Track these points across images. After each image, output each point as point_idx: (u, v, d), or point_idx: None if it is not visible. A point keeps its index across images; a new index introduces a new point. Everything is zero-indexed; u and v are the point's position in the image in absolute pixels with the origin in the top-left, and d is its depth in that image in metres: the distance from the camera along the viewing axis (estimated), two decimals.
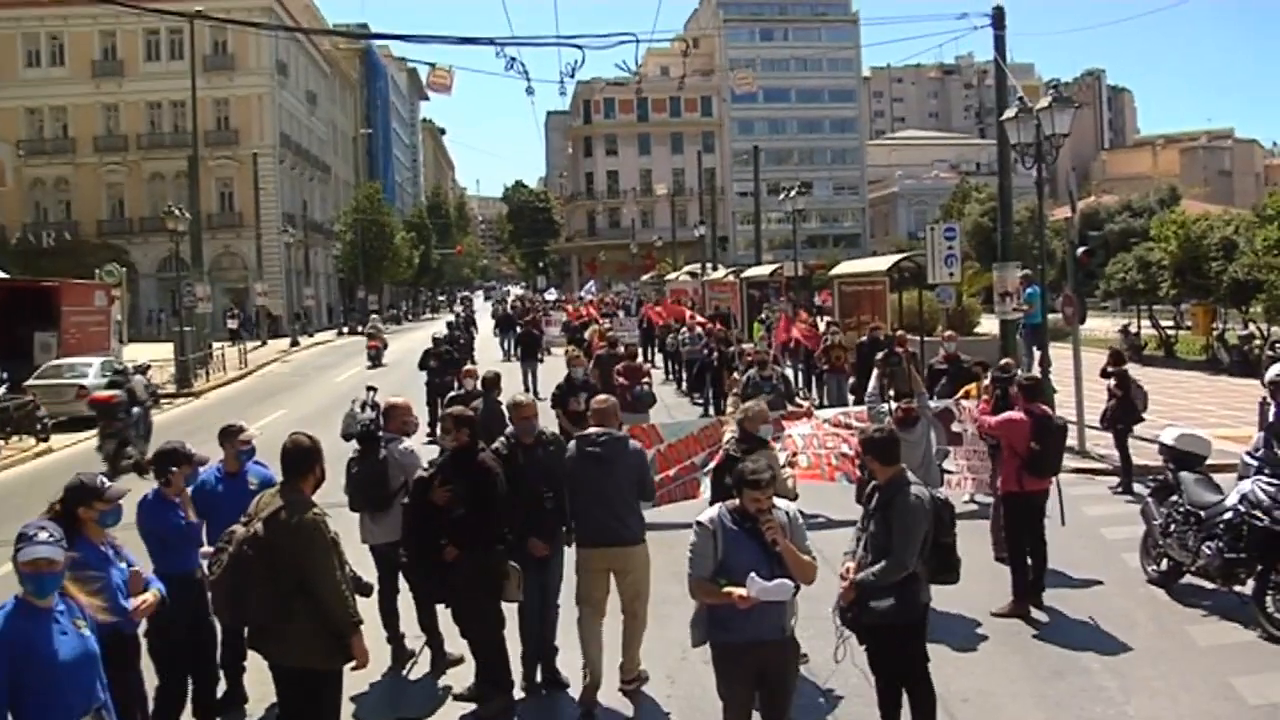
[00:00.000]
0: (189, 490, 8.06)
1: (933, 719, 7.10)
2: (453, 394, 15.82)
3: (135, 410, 21.41)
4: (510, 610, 8.55)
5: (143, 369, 30.20)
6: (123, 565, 6.39)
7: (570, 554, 8.87)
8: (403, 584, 9.21)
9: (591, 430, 8.73)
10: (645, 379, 18.50)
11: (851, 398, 21.01)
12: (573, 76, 25.78)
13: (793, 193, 43.60)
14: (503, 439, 8.93)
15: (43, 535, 5.06)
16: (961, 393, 14.60)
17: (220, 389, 35.99)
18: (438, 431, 14.62)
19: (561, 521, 8.81)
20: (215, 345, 41.76)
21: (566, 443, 9.09)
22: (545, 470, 8.72)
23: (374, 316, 59.89)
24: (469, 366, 17.21)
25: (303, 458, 6.54)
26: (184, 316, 37.59)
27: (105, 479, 6.46)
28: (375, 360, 41.23)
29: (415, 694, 8.97)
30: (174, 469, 7.84)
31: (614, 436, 8.70)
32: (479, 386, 14.47)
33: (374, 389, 10.53)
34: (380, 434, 9.57)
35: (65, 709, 5.02)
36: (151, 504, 7.75)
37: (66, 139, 70.29)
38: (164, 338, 47.66)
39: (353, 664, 6.52)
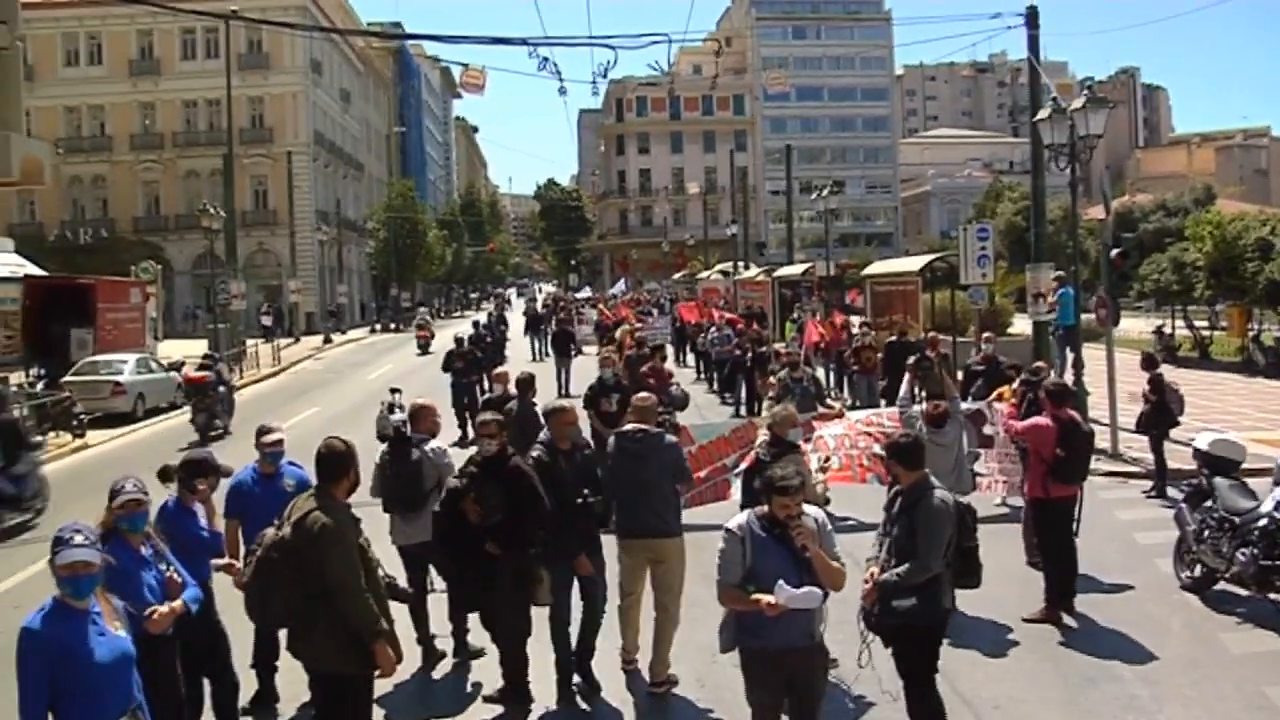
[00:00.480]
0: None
1: None
2: (487, 397, 15.15)
3: (221, 389, 25.07)
4: (541, 617, 8.58)
5: (177, 366, 30.62)
6: (162, 567, 6.48)
7: (611, 549, 9.06)
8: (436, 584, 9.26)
9: (630, 427, 9.13)
10: (673, 381, 18.49)
11: (883, 400, 20.96)
12: (605, 76, 25.79)
13: (825, 191, 43.57)
14: (541, 445, 8.81)
15: (79, 539, 5.12)
16: (994, 395, 14.56)
17: (253, 386, 36.19)
18: (467, 433, 14.73)
19: (602, 525, 8.88)
20: (249, 342, 42.02)
21: (597, 444, 9.34)
22: (583, 475, 8.83)
23: (422, 309, 67.82)
24: (500, 369, 16.32)
25: (336, 462, 6.54)
26: (218, 313, 37.85)
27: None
28: (424, 349, 44.43)
29: (444, 695, 9.02)
30: (200, 481, 7.86)
31: (650, 433, 9.05)
32: (511, 389, 13.95)
33: (398, 390, 10.72)
34: (411, 435, 9.77)
35: (103, 710, 5.10)
36: (172, 511, 7.72)
37: (104, 137, 70.93)
38: (198, 334, 48.03)
39: (378, 671, 6.51)
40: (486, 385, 25.64)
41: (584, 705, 8.68)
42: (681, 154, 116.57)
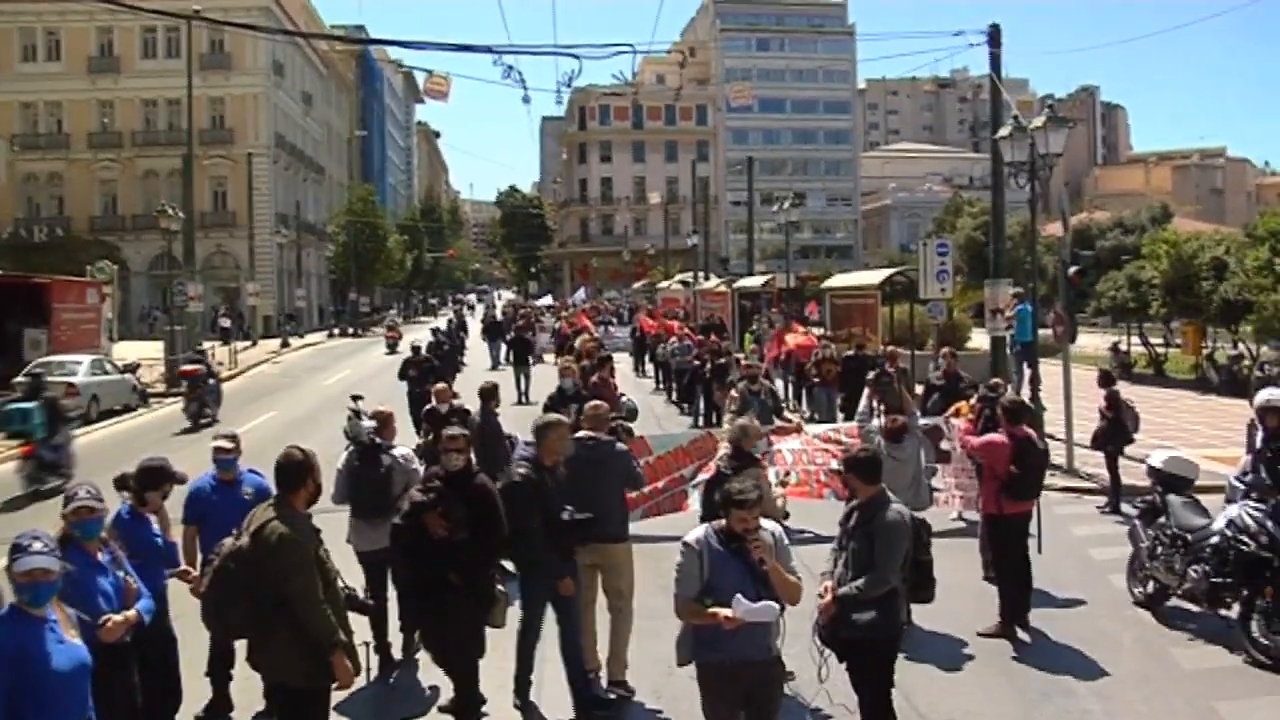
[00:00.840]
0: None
1: None
2: (427, 408, 13.87)
3: (210, 381, 27.63)
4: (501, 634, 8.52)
5: (132, 368, 30.35)
6: (120, 574, 6.43)
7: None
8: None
9: (582, 434, 9.23)
10: (620, 394, 18.48)
11: (841, 414, 21.02)
12: (570, 85, 25.68)
13: (786, 204, 43.72)
14: (526, 462, 8.61)
15: (37, 545, 5.10)
16: (951, 410, 14.63)
17: None
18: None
19: (584, 541, 8.78)
20: (206, 344, 41.67)
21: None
22: (564, 487, 8.82)
23: (391, 312, 71.62)
24: (440, 385, 14.89)
25: (294, 471, 6.48)
26: (175, 315, 37.53)
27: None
28: (392, 348, 45.74)
29: (400, 703, 8.96)
30: (153, 491, 7.78)
31: (601, 440, 9.25)
32: (454, 404, 13.61)
33: (360, 397, 10.81)
34: (381, 443, 10.01)
35: (60, 718, 5.05)
36: (127, 519, 7.61)
37: (60, 134, 70.14)
38: (155, 336, 47.56)
39: (336, 683, 6.45)
40: None
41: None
42: (644, 163, 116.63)
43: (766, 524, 6.34)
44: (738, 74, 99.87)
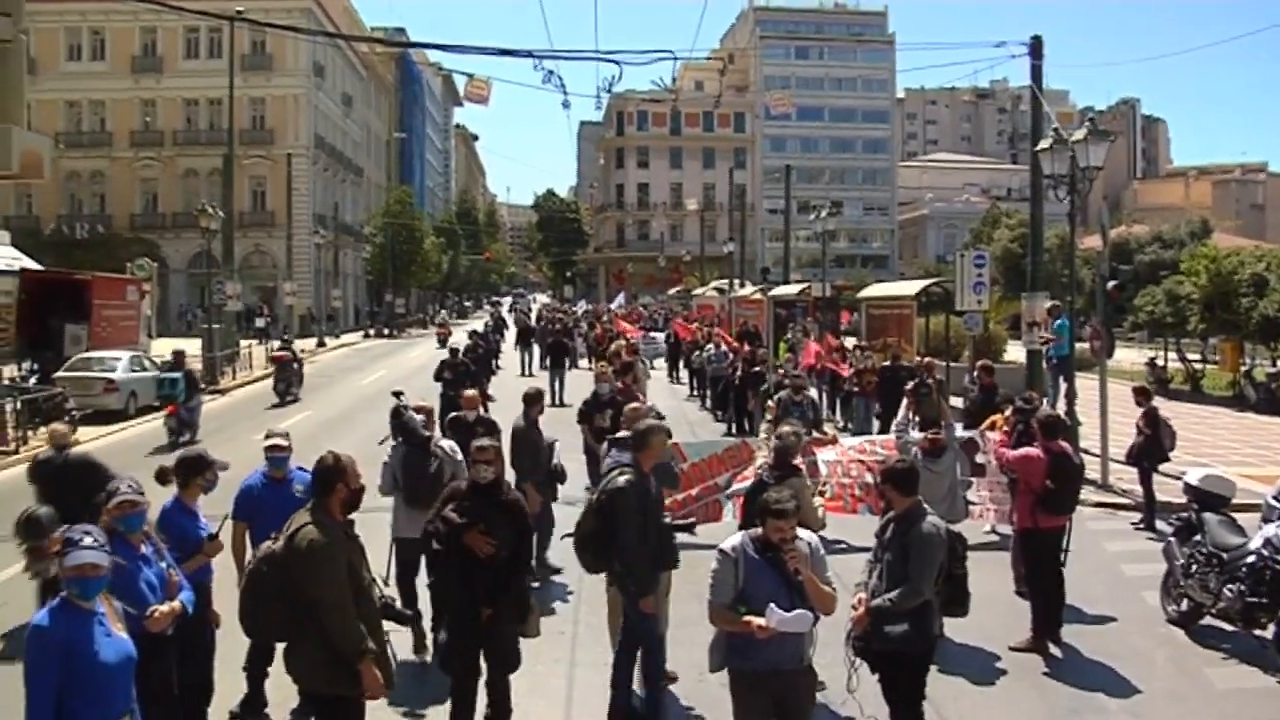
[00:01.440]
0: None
1: None
2: (451, 416, 13.71)
3: (295, 365, 32.99)
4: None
5: (170, 365, 30.57)
6: (162, 565, 6.54)
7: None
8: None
9: (621, 434, 9.51)
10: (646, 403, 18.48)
11: (877, 424, 20.96)
12: (609, 90, 25.83)
13: (823, 213, 43.64)
14: (629, 469, 8.45)
15: (88, 540, 5.18)
16: (987, 423, 14.58)
17: (246, 387, 36.16)
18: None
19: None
20: (242, 343, 41.96)
21: (590, 458, 9.52)
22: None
23: (443, 311, 79.26)
24: (469, 392, 14.36)
25: (325, 476, 6.47)
26: (213, 313, 37.83)
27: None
28: (443, 343, 44.01)
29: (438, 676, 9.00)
30: (195, 476, 7.90)
31: None
32: (479, 413, 13.41)
33: (401, 393, 11.07)
34: (430, 435, 10.64)
35: (107, 710, 5.14)
36: (171, 511, 7.74)
37: (104, 133, 71.06)
38: (193, 333, 47.92)
39: (366, 694, 6.41)
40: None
41: None
42: (681, 169, 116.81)
43: (803, 534, 6.39)
44: (776, 82, 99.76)
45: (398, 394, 11.26)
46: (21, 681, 4.98)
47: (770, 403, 16.42)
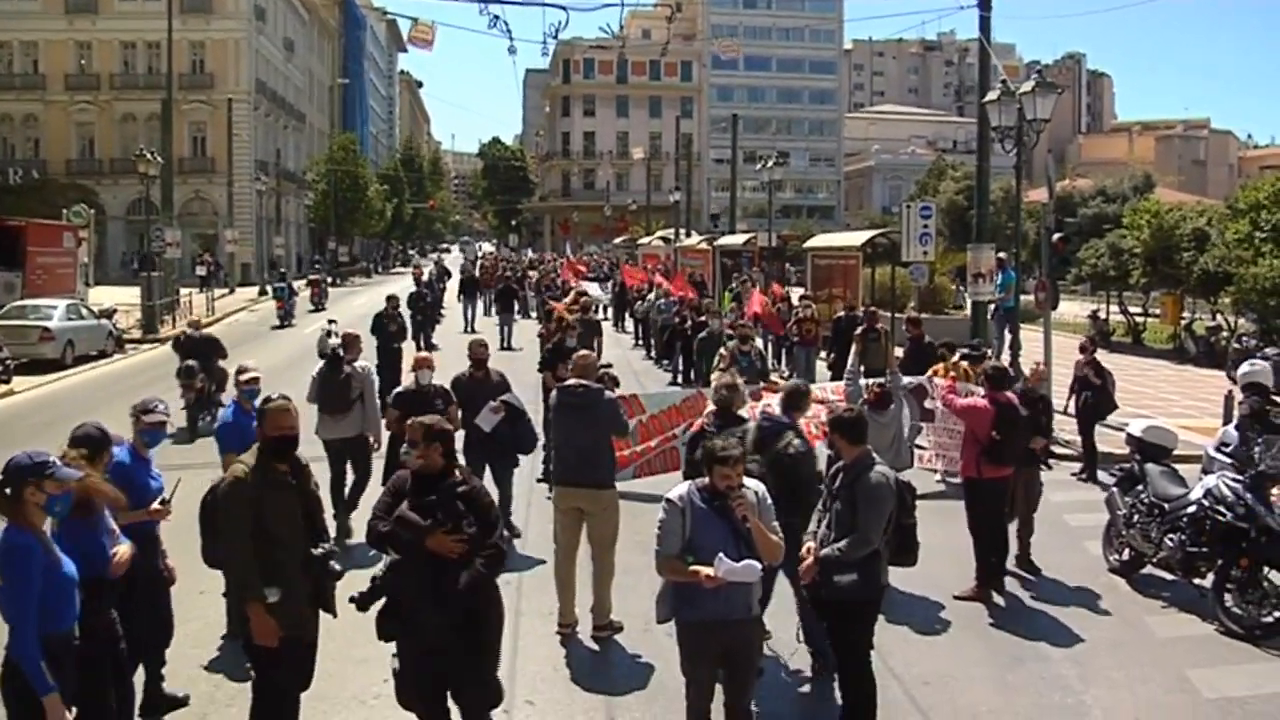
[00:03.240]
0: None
1: (868, 707, 7.16)
2: (398, 390, 12.13)
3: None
4: None
5: (108, 313, 30.08)
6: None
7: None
8: None
9: (571, 381, 9.52)
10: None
11: (829, 373, 21.01)
12: (556, 37, 25.60)
13: (769, 163, 43.50)
14: (792, 431, 8.56)
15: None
16: (930, 372, 14.64)
17: None
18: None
19: None
20: (183, 291, 41.35)
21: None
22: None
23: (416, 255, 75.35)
24: (421, 355, 12.97)
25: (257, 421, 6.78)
26: (152, 261, 37.22)
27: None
28: (418, 283, 43.74)
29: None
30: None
31: (591, 388, 9.41)
32: (429, 380, 11.85)
33: (334, 321, 12.48)
34: (343, 356, 12.45)
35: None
36: (129, 463, 7.39)
37: (37, 75, 69.10)
38: (132, 282, 47.15)
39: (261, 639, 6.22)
40: (423, 349, 25.29)
41: None
42: (627, 118, 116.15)
43: (749, 482, 6.36)
44: (724, 30, 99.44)
45: (331, 322, 12.30)
46: None
47: (723, 350, 16.36)
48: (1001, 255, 23.00)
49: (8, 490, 5.20)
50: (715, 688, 6.48)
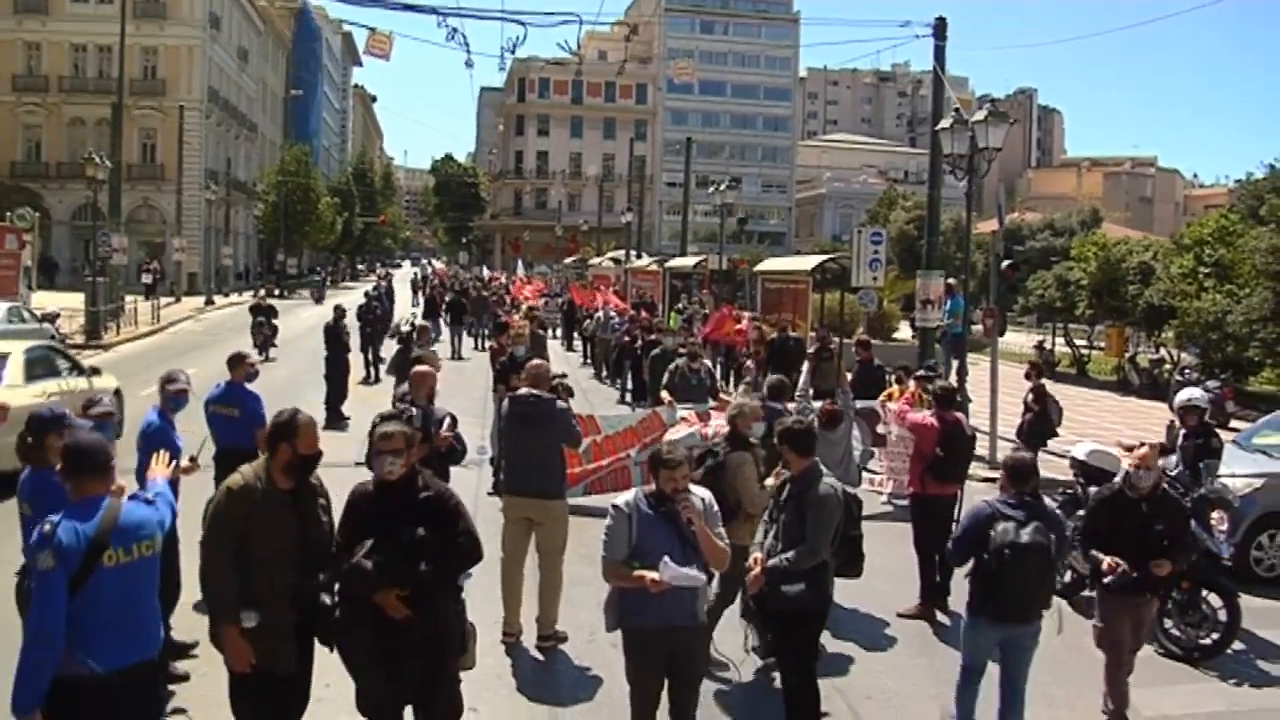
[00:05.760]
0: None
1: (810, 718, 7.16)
2: (402, 411, 9.55)
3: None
4: None
5: (51, 317, 29.61)
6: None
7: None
8: None
9: (523, 391, 9.43)
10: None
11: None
12: (513, 52, 25.66)
13: (722, 186, 43.70)
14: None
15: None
16: (884, 396, 14.75)
17: (130, 343, 35.22)
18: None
19: None
20: (128, 298, 40.88)
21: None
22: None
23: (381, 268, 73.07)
24: (423, 369, 9.98)
25: (272, 432, 6.01)
26: (97, 267, 36.77)
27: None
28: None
29: None
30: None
31: (543, 397, 9.33)
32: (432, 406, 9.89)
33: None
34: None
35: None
36: (159, 425, 8.51)
37: None
38: (76, 288, 46.49)
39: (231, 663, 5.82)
40: (371, 362, 25.21)
41: None
42: (581, 139, 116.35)
43: (696, 490, 6.38)
44: (680, 54, 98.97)
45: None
46: None
47: (673, 366, 16.34)
48: (951, 281, 23.20)
49: (29, 440, 6.48)
50: (661, 697, 6.45)
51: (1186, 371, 27.99)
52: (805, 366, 12.79)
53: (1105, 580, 8.02)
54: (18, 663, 4.70)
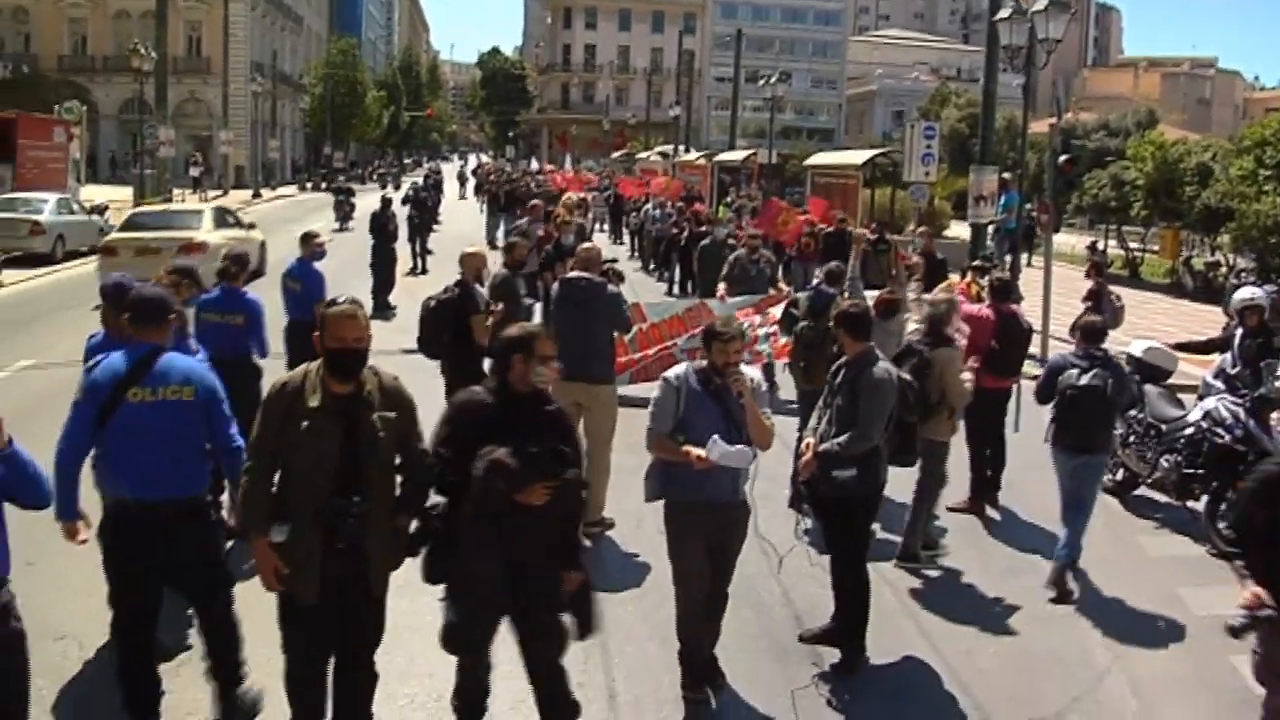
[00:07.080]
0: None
1: (861, 610, 7.13)
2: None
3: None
4: None
5: (100, 209, 29.80)
6: None
7: None
8: None
9: (574, 274, 9.41)
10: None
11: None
12: None
13: (772, 79, 43.01)
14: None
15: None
16: (941, 289, 14.55)
17: None
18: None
19: None
20: (175, 192, 40.99)
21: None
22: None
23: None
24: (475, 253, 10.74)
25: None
26: (145, 160, 36.88)
27: None
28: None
29: None
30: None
31: (594, 280, 9.31)
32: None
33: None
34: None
35: None
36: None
37: None
38: (124, 182, 46.66)
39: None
40: (419, 253, 25.23)
41: None
42: (629, 32, 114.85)
43: (746, 369, 6.31)
44: None
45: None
46: None
47: (733, 257, 16.12)
48: (1005, 176, 22.83)
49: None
50: (707, 573, 6.36)
51: (1243, 275, 27.46)
52: (854, 252, 12.56)
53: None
54: None
